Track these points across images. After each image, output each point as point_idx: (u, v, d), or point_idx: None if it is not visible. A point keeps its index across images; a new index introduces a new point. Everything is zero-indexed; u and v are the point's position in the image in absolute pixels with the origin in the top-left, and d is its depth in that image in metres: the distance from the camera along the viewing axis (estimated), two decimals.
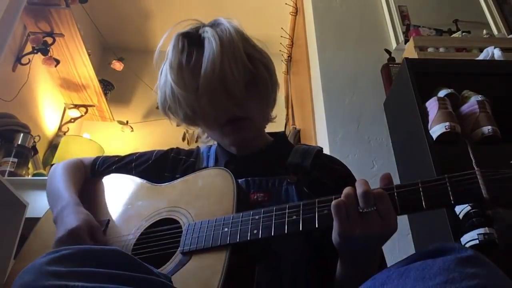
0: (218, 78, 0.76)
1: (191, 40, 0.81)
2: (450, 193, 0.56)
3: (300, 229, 0.62)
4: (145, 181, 0.88)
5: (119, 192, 0.89)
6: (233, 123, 0.81)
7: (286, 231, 0.62)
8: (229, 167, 0.84)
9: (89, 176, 0.96)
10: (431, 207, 0.57)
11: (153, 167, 0.92)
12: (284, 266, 0.71)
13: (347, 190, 0.61)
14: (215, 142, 0.94)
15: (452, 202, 0.56)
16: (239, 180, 0.76)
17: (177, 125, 0.92)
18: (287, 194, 0.78)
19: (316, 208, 0.62)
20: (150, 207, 0.80)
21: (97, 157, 0.99)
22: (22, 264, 0.85)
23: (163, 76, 0.85)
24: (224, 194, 0.72)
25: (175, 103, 0.83)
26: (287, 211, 0.64)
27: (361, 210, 0.58)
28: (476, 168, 0.56)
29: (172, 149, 0.97)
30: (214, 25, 0.83)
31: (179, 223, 0.73)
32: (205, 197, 0.74)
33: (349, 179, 0.87)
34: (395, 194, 0.59)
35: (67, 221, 0.75)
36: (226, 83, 0.77)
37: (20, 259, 0.87)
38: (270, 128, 0.96)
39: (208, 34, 0.79)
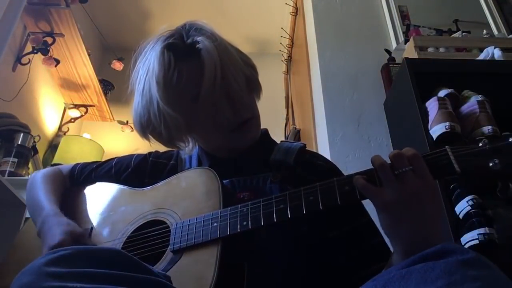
0: (223, 88, 0.75)
1: (177, 53, 0.78)
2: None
3: (289, 216, 0.62)
4: (126, 187, 0.86)
5: (100, 199, 0.87)
6: (243, 125, 0.79)
7: (275, 220, 0.63)
8: (213, 169, 0.83)
9: (68, 184, 0.94)
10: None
11: (133, 175, 0.91)
12: (275, 259, 0.71)
13: (375, 158, 0.60)
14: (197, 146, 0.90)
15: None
16: (224, 181, 0.76)
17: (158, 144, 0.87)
18: (271, 192, 0.77)
19: (303, 195, 0.63)
20: (135, 212, 0.79)
21: (75, 165, 0.96)
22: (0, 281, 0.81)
23: (146, 94, 0.79)
24: (209, 192, 0.71)
25: (160, 122, 0.77)
26: (274, 200, 0.65)
27: (396, 172, 0.57)
28: (446, 146, 0.61)
29: (150, 153, 0.96)
30: (197, 30, 0.79)
31: (166, 223, 0.73)
32: (190, 196, 0.74)
33: (333, 173, 0.85)
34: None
35: (49, 237, 0.74)
36: (231, 92, 0.76)
37: None
38: (271, 126, 0.95)
39: (204, 44, 0.76)
